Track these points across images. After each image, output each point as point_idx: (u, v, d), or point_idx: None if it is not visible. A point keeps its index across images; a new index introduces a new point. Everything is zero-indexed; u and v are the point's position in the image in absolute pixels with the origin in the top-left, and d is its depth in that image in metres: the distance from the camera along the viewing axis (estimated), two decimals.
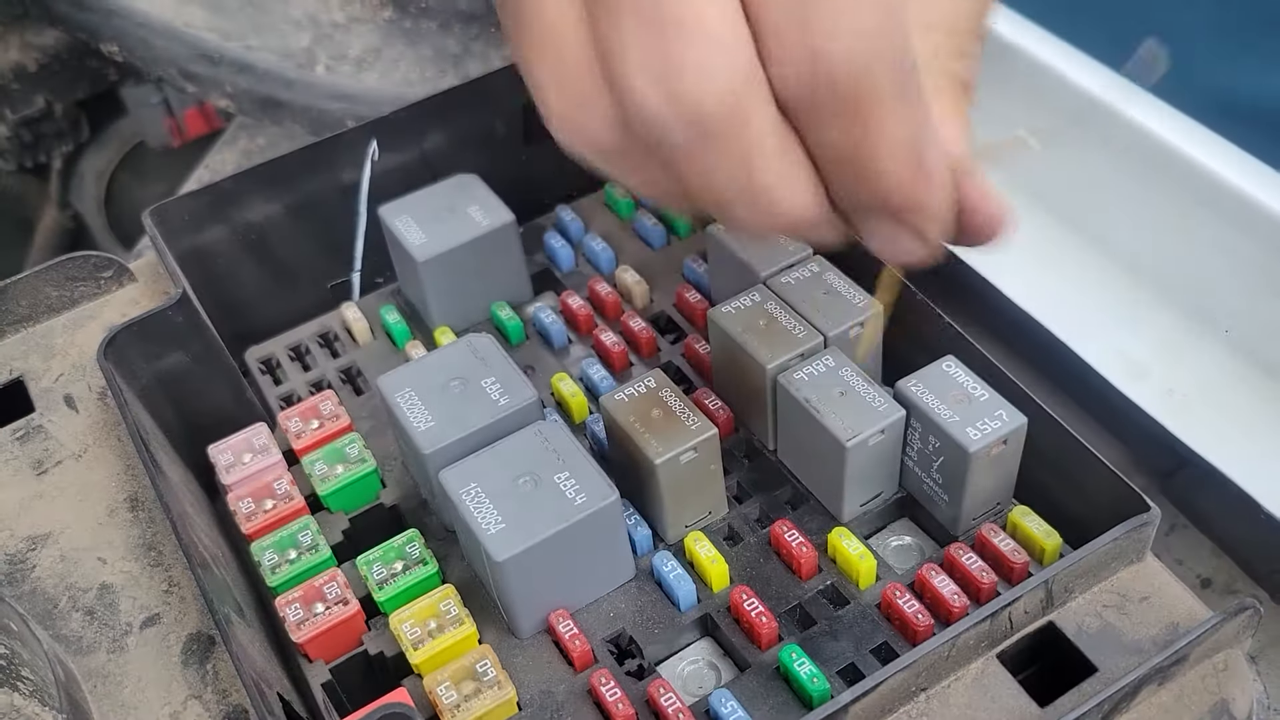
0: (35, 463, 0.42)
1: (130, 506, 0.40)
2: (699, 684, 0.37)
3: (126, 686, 0.36)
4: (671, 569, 0.38)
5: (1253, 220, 0.45)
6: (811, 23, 0.25)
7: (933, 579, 0.36)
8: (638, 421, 0.38)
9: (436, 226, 0.46)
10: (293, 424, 0.43)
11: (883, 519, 0.40)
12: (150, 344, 0.43)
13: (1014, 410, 0.37)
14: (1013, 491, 0.39)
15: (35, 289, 0.46)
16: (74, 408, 0.43)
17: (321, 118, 0.72)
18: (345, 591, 0.37)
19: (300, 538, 0.39)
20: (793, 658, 0.35)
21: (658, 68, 0.25)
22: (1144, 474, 0.42)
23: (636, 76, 0.26)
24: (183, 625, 0.37)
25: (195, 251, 0.47)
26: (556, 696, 0.36)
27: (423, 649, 0.36)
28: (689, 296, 0.47)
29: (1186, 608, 0.34)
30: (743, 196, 0.28)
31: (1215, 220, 0.47)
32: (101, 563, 0.39)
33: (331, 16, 0.76)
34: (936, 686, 0.33)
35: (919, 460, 0.38)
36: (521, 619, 0.37)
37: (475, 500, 0.36)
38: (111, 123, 0.98)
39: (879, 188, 0.27)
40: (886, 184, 0.27)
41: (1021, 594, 0.33)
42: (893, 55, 0.25)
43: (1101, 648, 0.34)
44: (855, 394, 0.37)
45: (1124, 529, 0.34)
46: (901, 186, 0.28)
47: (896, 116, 0.26)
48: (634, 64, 0.26)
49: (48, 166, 0.96)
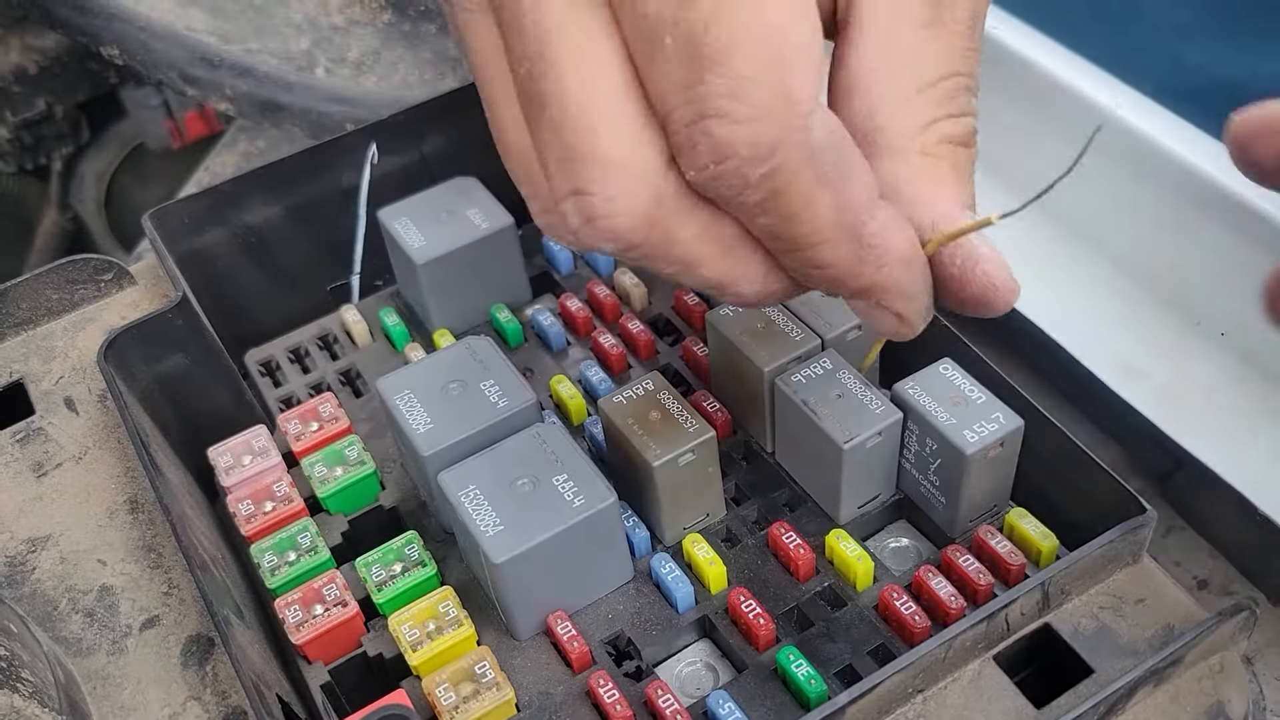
0: (35, 465, 0.42)
1: (130, 508, 0.40)
2: (697, 685, 0.37)
3: (126, 688, 0.36)
4: (669, 571, 0.38)
5: (1249, 222, 0.45)
6: (708, 116, 0.24)
7: (930, 581, 0.36)
8: (636, 424, 0.38)
9: (436, 229, 0.46)
10: (292, 426, 0.43)
11: (880, 521, 0.40)
12: (150, 346, 0.43)
13: (1011, 413, 0.37)
14: (1010, 494, 0.39)
15: (36, 292, 0.46)
16: (74, 410, 0.44)
17: (321, 121, 0.72)
18: (344, 593, 0.38)
19: (300, 539, 0.39)
20: (790, 659, 0.35)
21: (573, 201, 0.26)
22: (1141, 476, 0.42)
23: (563, 204, 0.26)
24: (182, 627, 0.37)
25: (195, 254, 0.47)
26: (555, 698, 0.36)
27: (421, 650, 0.36)
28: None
29: (1182, 609, 0.34)
30: (705, 289, 0.28)
31: (1212, 223, 0.47)
32: (101, 565, 0.39)
33: (331, 20, 0.77)
34: (933, 688, 0.33)
35: (916, 462, 0.38)
36: (520, 620, 0.37)
37: (474, 502, 0.36)
38: (111, 125, 0.98)
39: (830, 274, 0.27)
40: (835, 269, 0.27)
41: (1018, 596, 0.33)
42: (798, 137, 0.25)
43: (1098, 649, 0.34)
44: (852, 396, 0.37)
45: (1120, 531, 0.34)
46: (849, 272, 0.27)
47: (820, 200, 0.26)
48: (559, 192, 0.26)
49: (48, 169, 0.96)
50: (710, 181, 0.25)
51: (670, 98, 0.25)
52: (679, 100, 0.25)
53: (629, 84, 0.25)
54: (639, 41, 0.25)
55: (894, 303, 0.29)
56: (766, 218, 0.26)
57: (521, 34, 0.26)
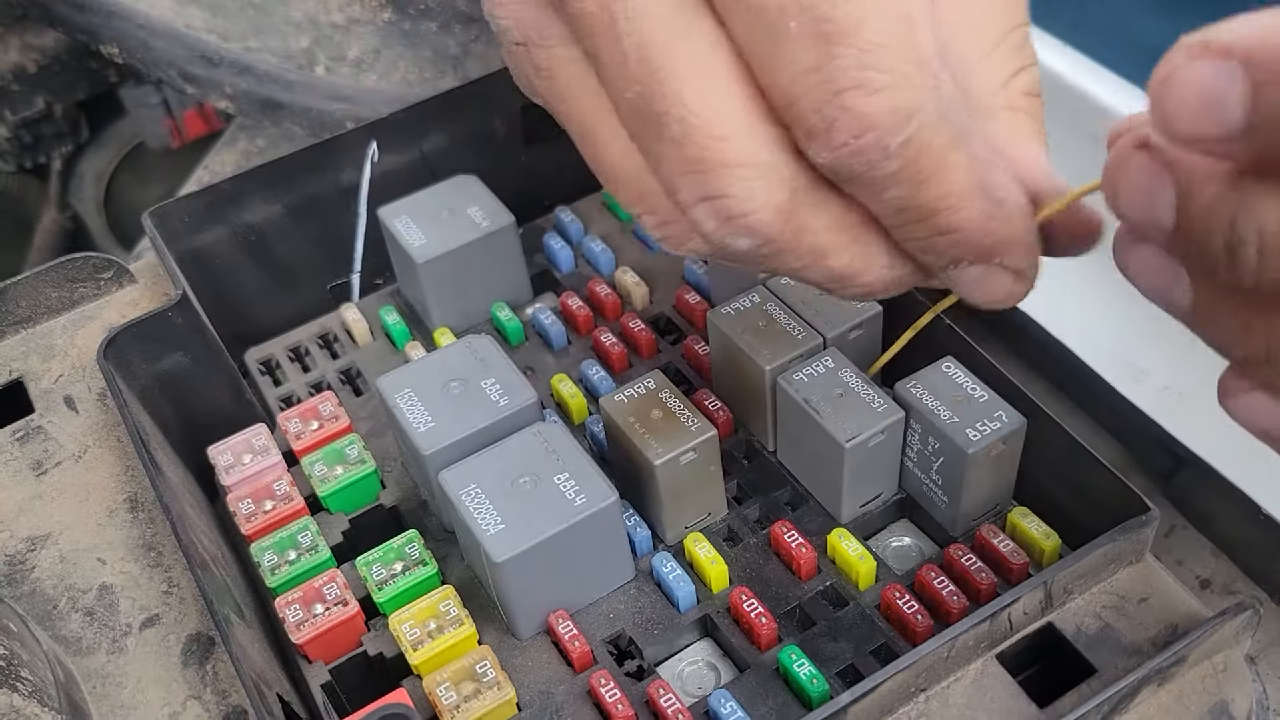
0: (35, 463, 0.42)
1: (130, 507, 0.40)
2: (698, 685, 0.37)
3: (126, 687, 0.36)
4: (671, 570, 0.38)
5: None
6: (844, 90, 0.24)
7: (932, 580, 0.36)
8: (637, 422, 0.38)
9: (436, 228, 0.46)
10: (292, 425, 0.43)
11: (882, 520, 0.40)
12: (150, 345, 0.43)
13: (1013, 411, 0.37)
14: (1012, 492, 0.39)
15: (35, 290, 0.46)
16: (74, 409, 0.43)
17: (321, 119, 0.72)
18: (345, 592, 0.38)
19: (300, 538, 0.39)
20: (792, 658, 0.35)
21: (707, 205, 0.26)
22: (1143, 475, 0.42)
23: (693, 211, 0.27)
24: (182, 626, 0.37)
25: (195, 253, 0.47)
26: (556, 697, 0.36)
27: (422, 650, 0.36)
28: (688, 298, 0.47)
29: (1186, 609, 0.34)
30: (828, 282, 0.29)
31: None
32: (101, 563, 0.39)
33: (331, 18, 0.76)
34: (936, 687, 0.33)
35: (918, 461, 0.38)
36: (521, 620, 0.37)
37: (475, 501, 0.36)
38: (111, 124, 0.98)
39: (957, 239, 0.27)
40: (964, 232, 0.27)
41: (1021, 595, 0.33)
42: (933, 101, 0.25)
43: (1101, 648, 0.34)
44: (854, 395, 0.37)
45: (1123, 530, 0.34)
46: (980, 231, 0.27)
47: (956, 163, 0.26)
48: (687, 201, 0.26)
49: (47, 167, 0.96)
50: (848, 159, 0.25)
51: (799, 82, 0.25)
52: (811, 83, 0.24)
53: (745, 86, 0.26)
54: (756, 36, 0.25)
55: (1019, 258, 0.28)
56: (899, 189, 0.26)
57: (623, 59, 0.26)
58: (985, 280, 0.29)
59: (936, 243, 0.27)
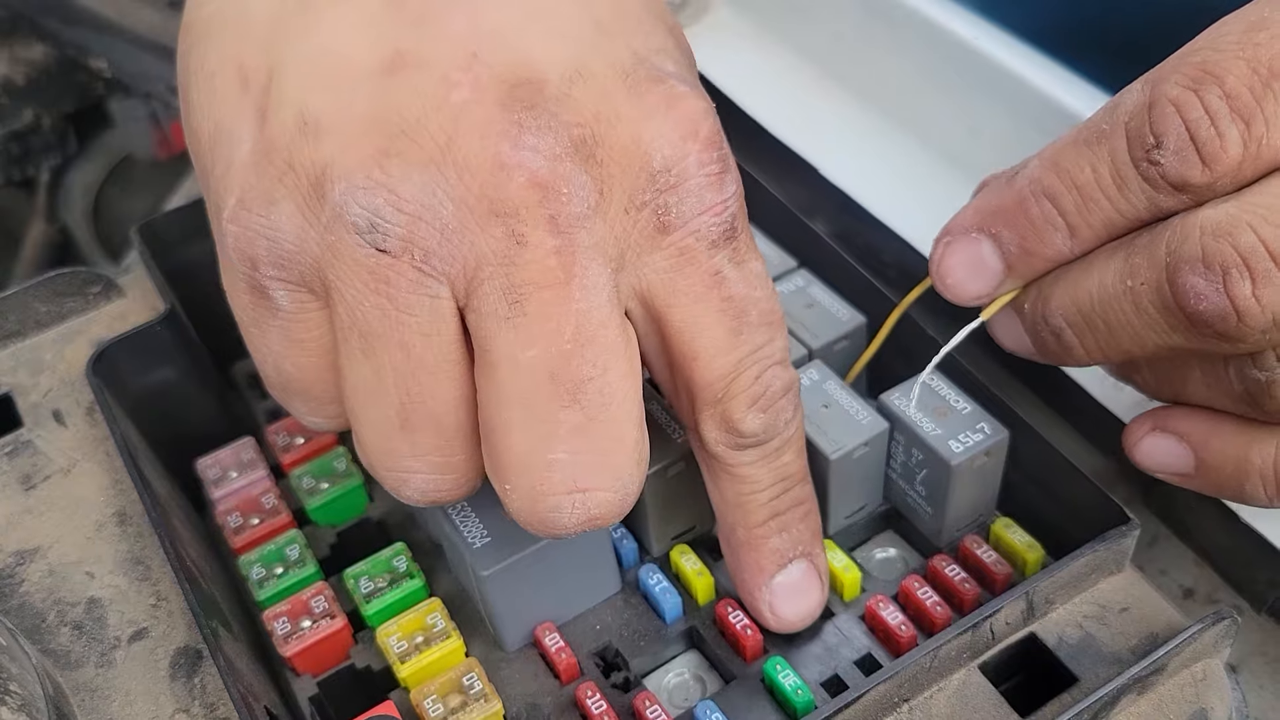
0: (24, 478, 0.42)
1: (118, 521, 0.40)
2: (684, 696, 0.37)
3: (114, 700, 0.36)
4: (657, 582, 0.38)
5: None
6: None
7: (916, 590, 0.36)
8: None
9: None
10: (280, 438, 0.43)
11: (867, 531, 0.40)
12: (138, 359, 0.43)
13: (996, 423, 0.37)
14: (996, 503, 0.39)
15: (24, 304, 0.46)
16: (62, 423, 0.44)
17: None
18: (332, 605, 0.38)
19: (287, 552, 0.39)
20: (777, 669, 0.35)
21: (580, 498, 0.30)
22: (1126, 485, 0.42)
23: (560, 497, 0.30)
24: (170, 639, 0.37)
25: (183, 266, 0.47)
26: (543, 709, 0.36)
27: (410, 662, 0.36)
28: None
29: (1166, 618, 0.35)
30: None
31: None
32: (90, 577, 0.39)
33: None
34: (919, 697, 0.33)
35: (903, 473, 0.38)
36: (508, 632, 0.37)
37: (461, 514, 0.36)
38: (99, 136, 0.98)
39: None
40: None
41: (1003, 605, 0.33)
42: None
43: (1082, 658, 0.34)
44: (839, 407, 0.38)
45: (1104, 541, 0.34)
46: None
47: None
48: (559, 489, 0.30)
49: (35, 180, 0.96)
50: (770, 424, 0.32)
51: (750, 357, 0.31)
52: (758, 357, 0.31)
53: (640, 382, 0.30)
54: (729, 318, 0.31)
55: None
56: (790, 454, 0.34)
57: (558, 341, 0.29)
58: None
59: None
